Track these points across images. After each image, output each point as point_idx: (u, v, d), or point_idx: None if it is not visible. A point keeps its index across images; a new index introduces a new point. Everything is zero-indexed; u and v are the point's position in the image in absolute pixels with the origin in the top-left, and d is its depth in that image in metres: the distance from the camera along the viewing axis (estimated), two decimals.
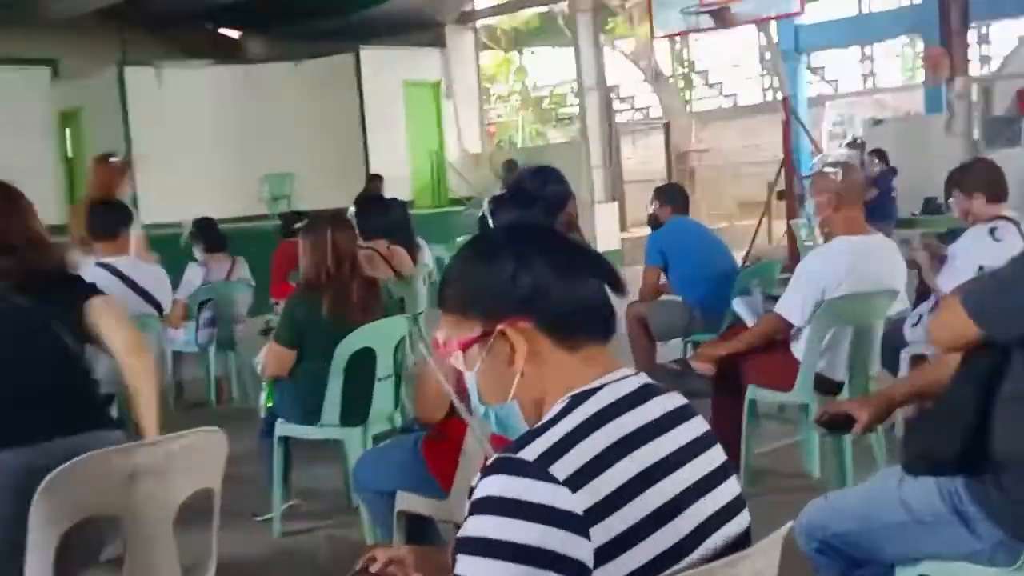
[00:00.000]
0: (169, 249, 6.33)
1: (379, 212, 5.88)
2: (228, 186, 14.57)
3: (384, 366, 3.87)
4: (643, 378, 1.38)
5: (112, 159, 5.43)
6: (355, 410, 3.83)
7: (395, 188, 11.63)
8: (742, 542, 1.35)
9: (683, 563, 1.26)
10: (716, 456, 1.37)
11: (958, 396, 2.02)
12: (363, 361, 3.78)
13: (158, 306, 4.35)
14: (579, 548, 1.18)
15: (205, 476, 2.26)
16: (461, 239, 8.33)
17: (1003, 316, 1.97)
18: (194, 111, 14.74)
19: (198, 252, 6.64)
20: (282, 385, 3.88)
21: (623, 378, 1.35)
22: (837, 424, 2.47)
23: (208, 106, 14.97)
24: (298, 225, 5.03)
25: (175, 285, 5.13)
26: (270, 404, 3.93)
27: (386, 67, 15.64)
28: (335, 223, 3.89)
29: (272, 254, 7.14)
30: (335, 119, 15.37)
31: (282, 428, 3.90)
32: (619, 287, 1.39)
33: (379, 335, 3.84)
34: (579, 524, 1.18)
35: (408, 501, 2.89)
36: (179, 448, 2.18)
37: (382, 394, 3.90)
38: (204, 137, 14.77)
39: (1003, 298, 1.97)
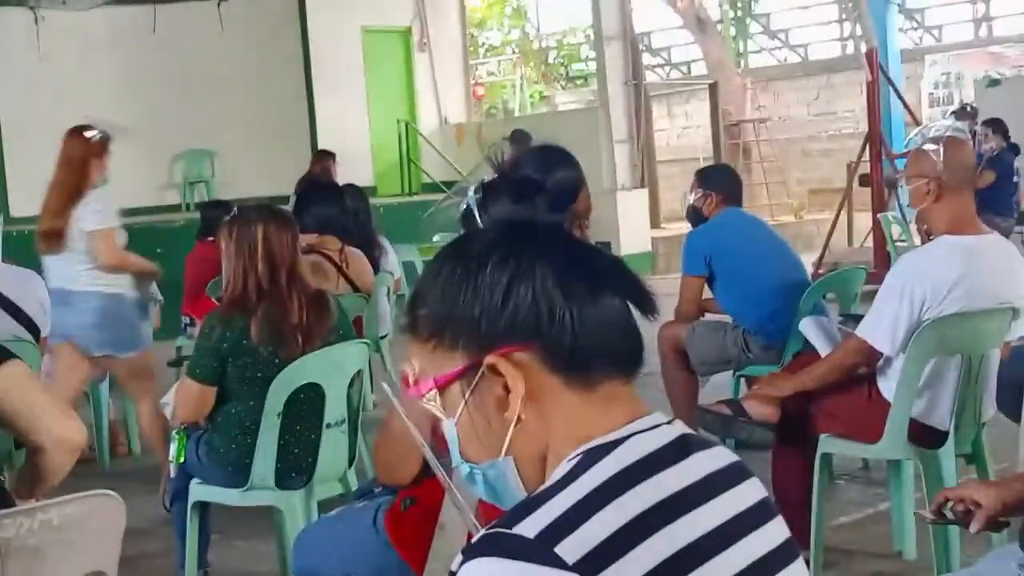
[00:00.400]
0: None
1: (329, 202, 5.89)
2: (129, 166, 14.34)
3: (335, 409, 3.88)
4: (679, 427, 1.38)
5: (89, 132, 5.39)
6: (295, 468, 3.83)
7: (351, 170, 11.65)
8: None
9: None
10: (777, 531, 1.38)
11: None
12: (307, 403, 3.78)
13: (33, 327, 4.34)
14: None
15: (95, 556, 2.26)
16: (439, 239, 8.34)
17: None
18: (84, 67, 14.75)
19: None
20: (198, 434, 3.88)
21: (653, 427, 1.35)
22: (959, 520, 2.44)
23: (103, 60, 14.97)
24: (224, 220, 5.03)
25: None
26: (182, 460, 3.93)
27: (340, 9, 15.67)
28: (269, 217, 3.90)
29: (185, 258, 7.16)
30: (271, 78, 15.39)
31: (198, 491, 3.90)
32: (647, 305, 1.40)
33: (328, 368, 3.84)
34: None
35: None
36: (61, 518, 2.17)
37: (332, 447, 3.89)
38: (97, 102, 14.76)
39: None
